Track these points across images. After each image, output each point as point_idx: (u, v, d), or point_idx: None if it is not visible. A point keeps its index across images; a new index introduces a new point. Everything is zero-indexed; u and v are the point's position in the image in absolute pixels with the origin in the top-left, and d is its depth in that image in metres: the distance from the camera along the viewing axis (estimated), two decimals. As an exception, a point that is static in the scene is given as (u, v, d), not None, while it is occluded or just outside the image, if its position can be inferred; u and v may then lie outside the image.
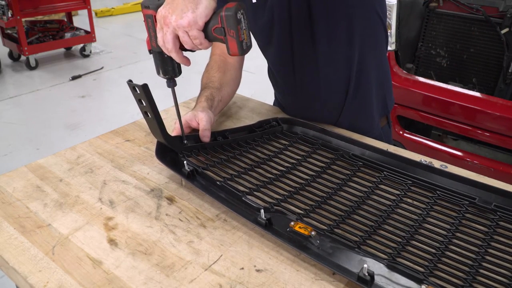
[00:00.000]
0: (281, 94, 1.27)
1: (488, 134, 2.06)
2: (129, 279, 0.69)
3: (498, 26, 2.20)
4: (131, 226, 0.80)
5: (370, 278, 0.66)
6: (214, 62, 1.19)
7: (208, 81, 1.16)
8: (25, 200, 0.87)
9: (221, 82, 1.16)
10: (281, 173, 0.93)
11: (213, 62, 1.20)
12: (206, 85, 1.15)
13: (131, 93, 0.84)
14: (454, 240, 0.75)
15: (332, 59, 1.09)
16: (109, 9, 6.53)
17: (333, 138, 1.06)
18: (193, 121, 1.01)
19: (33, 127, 3.33)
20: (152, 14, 0.82)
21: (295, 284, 0.69)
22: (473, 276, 0.67)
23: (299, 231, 0.74)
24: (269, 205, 0.82)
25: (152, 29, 0.83)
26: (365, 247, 0.73)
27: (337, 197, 0.86)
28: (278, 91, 1.30)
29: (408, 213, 0.82)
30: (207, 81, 1.16)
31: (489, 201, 0.85)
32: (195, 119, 1.01)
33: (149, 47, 0.86)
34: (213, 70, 1.18)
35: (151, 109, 0.84)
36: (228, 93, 1.19)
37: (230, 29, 0.76)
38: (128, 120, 1.29)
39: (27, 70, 4.37)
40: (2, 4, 3.98)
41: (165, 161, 0.93)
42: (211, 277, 0.70)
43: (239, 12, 0.76)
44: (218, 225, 0.81)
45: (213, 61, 1.20)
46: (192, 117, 1.02)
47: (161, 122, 0.88)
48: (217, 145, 1.01)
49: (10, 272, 0.73)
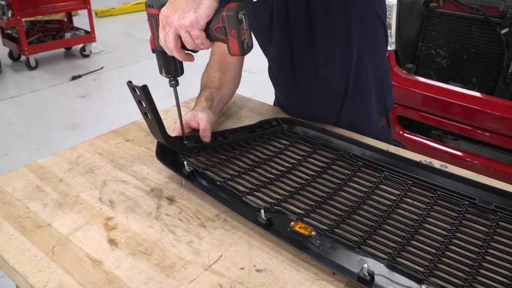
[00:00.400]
0: (282, 93, 1.27)
1: (488, 134, 2.06)
2: (129, 279, 0.69)
3: (498, 26, 2.19)
4: (131, 226, 0.80)
5: (370, 278, 0.66)
6: (214, 62, 1.20)
7: (208, 81, 1.16)
8: (25, 200, 0.87)
9: (221, 82, 1.16)
10: (281, 173, 0.93)
11: (213, 61, 1.20)
12: (206, 85, 1.15)
13: (131, 94, 0.84)
14: (455, 240, 0.75)
15: (331, 59, 1.09)
16: (109, 9, 6.53)
17: (333, 138, 1.06)
18: (193, 121, 1.01)
19: (33, 127, 3.33)
20: (155, 13, 0.82)
21: (295, 284, 0.69)
22: (473, 276, 0.67)
23: (299, 231, 0.74)
24: (269, 205, 0.81)
25: (155, 28, 0.84)
26: (365, 247, 0.73)
27: (337, 197, 0.86)
28: (278, 91, 1.30)
29: (408, 213, 0.82)
30: (207, 81, 1.16)
31: (489, 201, 0.85)
32: (195, 119, 1.01)
33: (152, 46, 0.87)
34: (213, 70, 1.18)
35: (151, 110, 0.85)
36: (227, 93, 1.19)
37: (231, 29, 0.77)
38: (128, 120, 1.29)
39: (27, 70, 4.37)
40: (2, 4, 3.98)
41: (165, 162, 0.93)
42: (211, 277, 0.70)
43: (241, 12, 0.76)
44: (218, 225, 0.81)
45: (213, 61, 1.20)
46: (192, 117, 1.02)
47: (161, 123, 0.88)
48: (217, 145, 1.01)
49: (10, 272, 0.73)
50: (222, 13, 0.77)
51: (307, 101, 1.18)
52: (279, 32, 1.10)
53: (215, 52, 1.21)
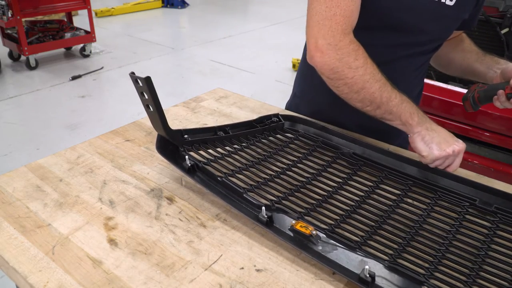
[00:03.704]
0: (320, 93, 1.16)
1: (488, 134, 2.06)
2: (129, 279, 0.69)
3: (498, 26, 2.19)
4: (131, 226, 0.80)
5: (371, 280, 0.66)
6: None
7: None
8: (25, 200, 0.87)
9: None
10: (282, 170, 0.93)
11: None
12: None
13: (133, 85, 0.84)
14: (455, 242, 0.75)
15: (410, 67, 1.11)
16: (109, 9, 6.53)
17: (334, 136, 1.06)
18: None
19: (33, 127, 3.33)
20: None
21: (295, 284, 0.69)
22: (473, 279, 0.67)
23: (300, 230, 0.74)
24: (270, 202, 0.81)
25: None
26: (365, 247, 0.73)
27: (338, 196, 0.86)
28: (315, 90, 1.22)
29: (409, 214, 0.82)
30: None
31: (489, 202, 0.85)
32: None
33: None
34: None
35: (153, 102, 0.84)
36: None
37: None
38: (128, 120, 1.29)
39: (27, 70, 4.36)
40: (2, 4, 3.98)
41: (165, 155, 0.92)
42: (211, 277, 0.70)
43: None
44: (218, 225, 0.81)
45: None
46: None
47: (162, 115, 0.87)
48: (217, 140, 1.00)
49: (10, 272, 0.73)
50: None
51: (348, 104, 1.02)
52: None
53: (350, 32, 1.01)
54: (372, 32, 1.01)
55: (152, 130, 1.15)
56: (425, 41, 1.07)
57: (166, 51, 5.08)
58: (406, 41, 1.05)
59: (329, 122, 1.16)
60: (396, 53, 1.06)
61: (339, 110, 1.09)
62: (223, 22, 6.50)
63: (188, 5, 7.38)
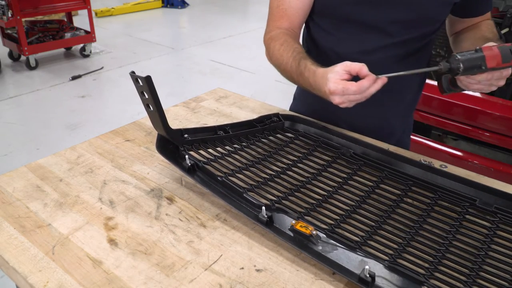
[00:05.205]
0: (312, 93, 1.13)
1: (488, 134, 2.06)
2: (129, 279, 0.69)
3: (498, 26, 2.19)
4: (131, 226, 0.80)
5: (371, 280, 0.66)
6: (287, 36, 1.11)
7: (298, 51, 1.07)
8: (25, 200, 0.87)
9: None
10: (282, 170, 0.93)
11: (285, 36, 1.11)
12: (302, 55, 1.06)
13: (134, 84, 0.84)
14: (455, 242, 0.75)
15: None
16: (109, 9, 6.53)
17: (334, 136, 1.06)
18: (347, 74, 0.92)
19: (33, 127, 3.33)
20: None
21: (295, 284, 0.69)
22: (473, 279, 0.67)
23: (300, 230, 0.74)
24: (270, 202, 0.81)
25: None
26: (366, 247, 0.73)
27: (338, 196, 0.86)
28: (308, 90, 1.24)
29: (409, 214, 0.82)
30: (297, 52, 1.07)
31: (489, 203, 0.85)
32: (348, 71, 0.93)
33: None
34: (292, 42, 1.10)
35: (153, 101, 0.84)
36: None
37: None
38: (128, 120, 1.29)
39: (27, 70, 4.36)
40: (2, 4, 3.98)
41: (165, 155, 0.92)
42: (211, 277, 0.70)
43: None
44: (218, 225, 0.81)
45: (285, 35, 1.11)
46: (343, 71, 0.91)
47: (162, 114, 0.87)
48: (218, 140, 1.00)
49: (10, 272, 0.73)
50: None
51: (364, 108, 1.02)
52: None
53: (281, 27, 1.13)
54: (338, 28, 1.11)
55: (152, 130, 1.15)
56: (392, 31, 1.07)
57: (166, 51, 5.08)
58: (371, 33, 1.08)
59: (325, 122, 1.17)
60: (371, 44, 1.09)
61: (331, 111, 1.11)
62: (223, 22, 6.50)
63: (188, 5, 7.38)
